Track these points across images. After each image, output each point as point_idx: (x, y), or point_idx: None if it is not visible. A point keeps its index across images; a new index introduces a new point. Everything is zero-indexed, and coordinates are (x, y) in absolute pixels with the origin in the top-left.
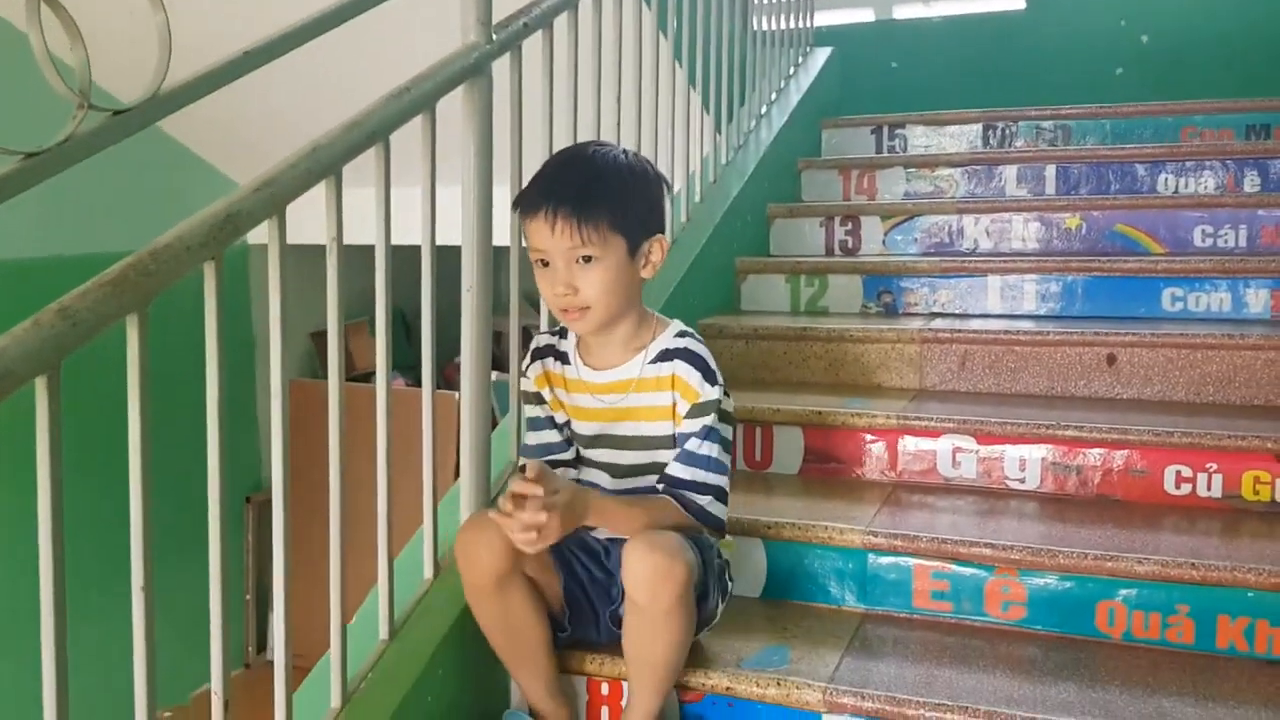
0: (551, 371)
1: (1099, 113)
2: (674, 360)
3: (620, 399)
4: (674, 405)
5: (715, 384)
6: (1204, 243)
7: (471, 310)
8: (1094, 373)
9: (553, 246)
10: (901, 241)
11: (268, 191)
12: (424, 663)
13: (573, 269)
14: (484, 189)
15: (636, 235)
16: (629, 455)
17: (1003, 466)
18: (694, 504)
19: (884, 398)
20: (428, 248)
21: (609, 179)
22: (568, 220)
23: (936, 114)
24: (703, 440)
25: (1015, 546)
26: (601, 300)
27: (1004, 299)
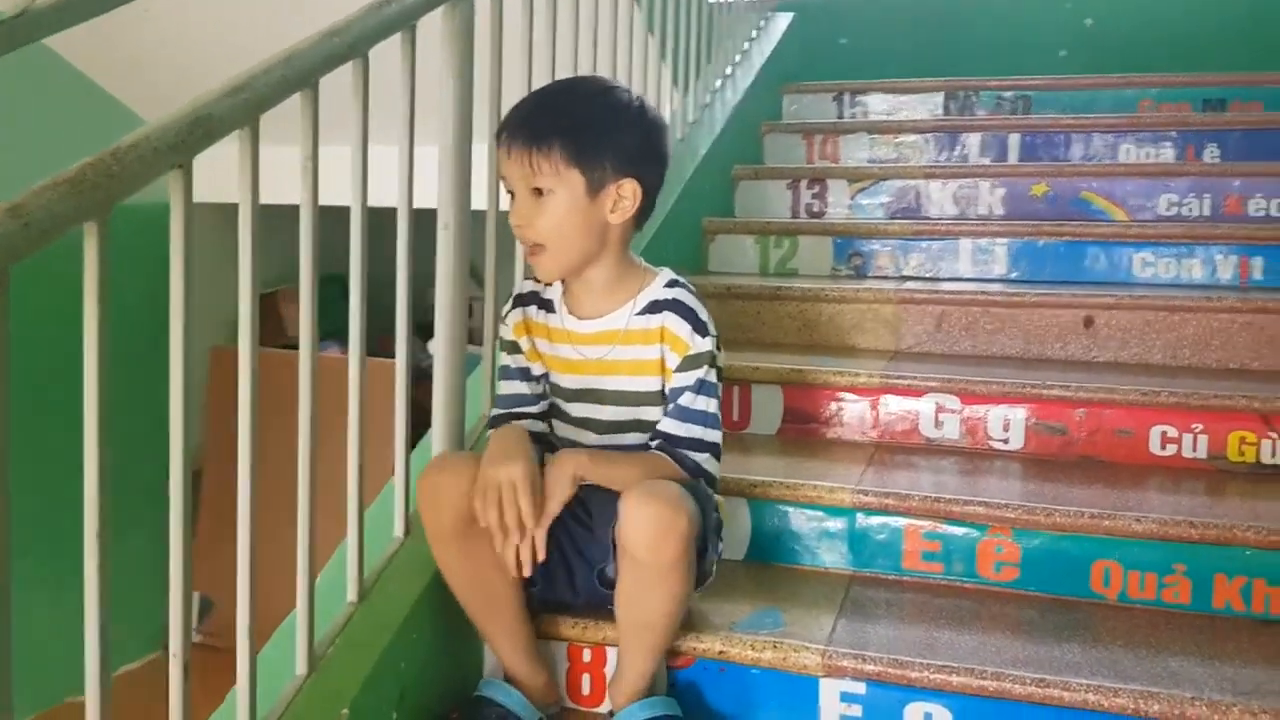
0: (533, 320)
1: (1059, 84)
2: (663, 312)
3: (606, 351)
4: (662, 359)
5: (707, 335)
6: (1168, 211)
7: (450, 249)
8: (1071, 335)
9: (512, 175)
10: (868, 206)
11: (241, 97)
12: (396, 627)
13: (528, 200)
14: (464, 117)
15: (598, 173)
16: (613, 411)
17: (986, 427)
18: (690, 461)
19: (861, 358)
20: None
21: (575, 109)
22: (522, 148)
23: (897, 81)
24: (696, 394)
25: (1009, 505)
26: (552, 237)
27: (975, 263)
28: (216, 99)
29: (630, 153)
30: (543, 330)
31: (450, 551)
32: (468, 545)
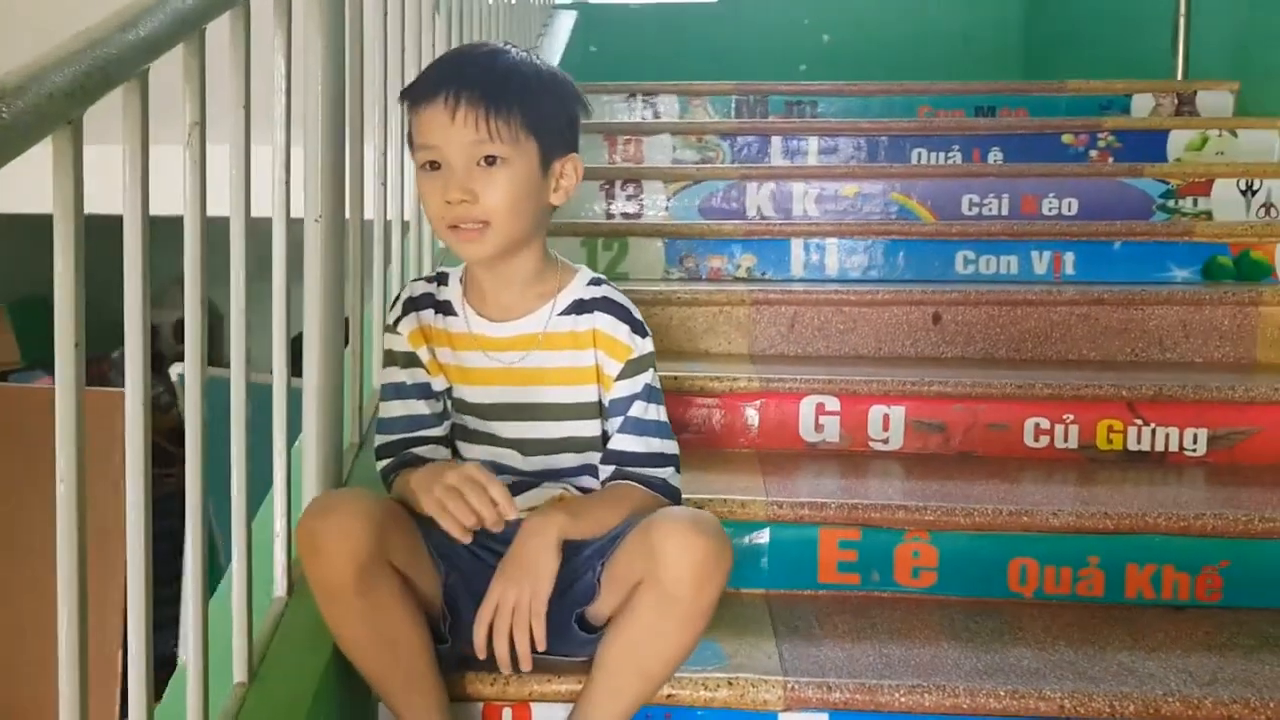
0: (431, 326)
1: (843, 89)
2: (594, 313)
3: (521, 358)
4: (597, 366)
5: (646, 335)
6: (970, 211)
7: (318, 245)
8: (920, 332)
9: (451, 140)
10: (686, 207)
11: (133, 35)
12: (305, 710)
13: (473, 171)
14: (336, 82)
15: (552, 145)
16: (542, 428)
17: (866, 427)
18: (656, 480)
19: (724, 364)
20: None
21: (526, 72)
22: (474, 107)
23: (690, 84)
24: (648, 403)
25: (928, 507)
26: (505, 215)
27: (807, 264)
28: (111, 34)
29: (575, 128)
30: (443, 337)
31: (347, 609)
32: (369, 599)
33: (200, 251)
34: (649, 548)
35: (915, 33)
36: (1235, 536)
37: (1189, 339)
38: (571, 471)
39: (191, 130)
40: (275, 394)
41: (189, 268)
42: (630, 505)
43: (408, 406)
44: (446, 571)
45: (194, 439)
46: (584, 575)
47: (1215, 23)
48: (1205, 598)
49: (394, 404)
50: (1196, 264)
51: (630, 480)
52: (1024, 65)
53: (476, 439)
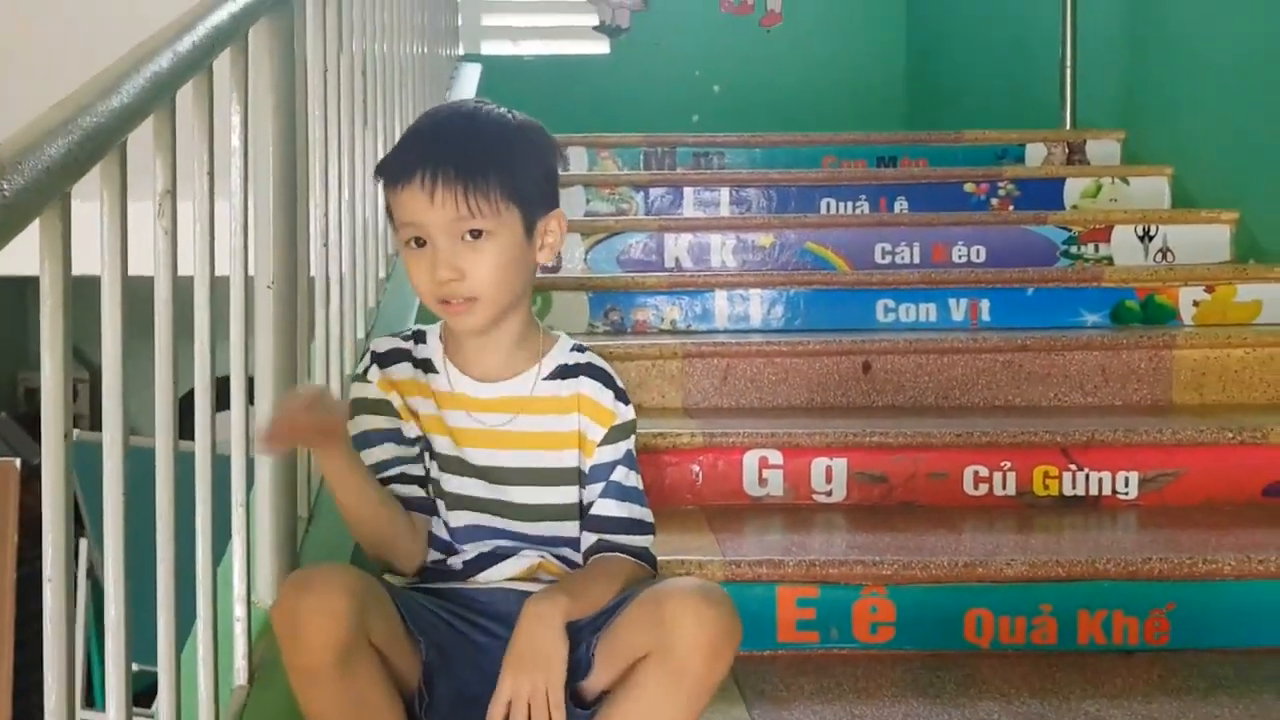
0: (403, 379)
1: (749, 141)
2: (579, 378)
3: (507, 420)
4: (580, 432)
5: (629, 402)
6: (883, 260)
7: (270, 311)
8: (851, 382)
9: (432, 220)
10: (604, 259)
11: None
12: None
13: (457, 247)
14: (287, 154)
15: (533, 207)
16: (523, 493)
17: (810, 480)
18: (637, 548)
19: (661, 418)
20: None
21: (498, 137)
22: (451, 186)
23: (599, 136)
24: (629, 469)
25: (885, 561)
26: (493, 287)
27: (731, 315)
28: (94, 101)
29: (553, 183)
30: (423, 390)
31: (324, 691)
32: (349, 681)
33: (168, 313)
34: (658, 620)
35: (805, 83)
36: (1180, 579)
37: (1108, 383)
38: (548, 539)
39: (163, 199)
40: (234, 468)
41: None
42: (622, 579)
43: (384, 451)
44: (426, 649)
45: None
46: (576, 649)
47: (1100, 73)
48: (1154, 640)
49: (367, 452)
50: (1106, 309)
51: (614, 551)
52: (913, 115)
53: (455, 502)
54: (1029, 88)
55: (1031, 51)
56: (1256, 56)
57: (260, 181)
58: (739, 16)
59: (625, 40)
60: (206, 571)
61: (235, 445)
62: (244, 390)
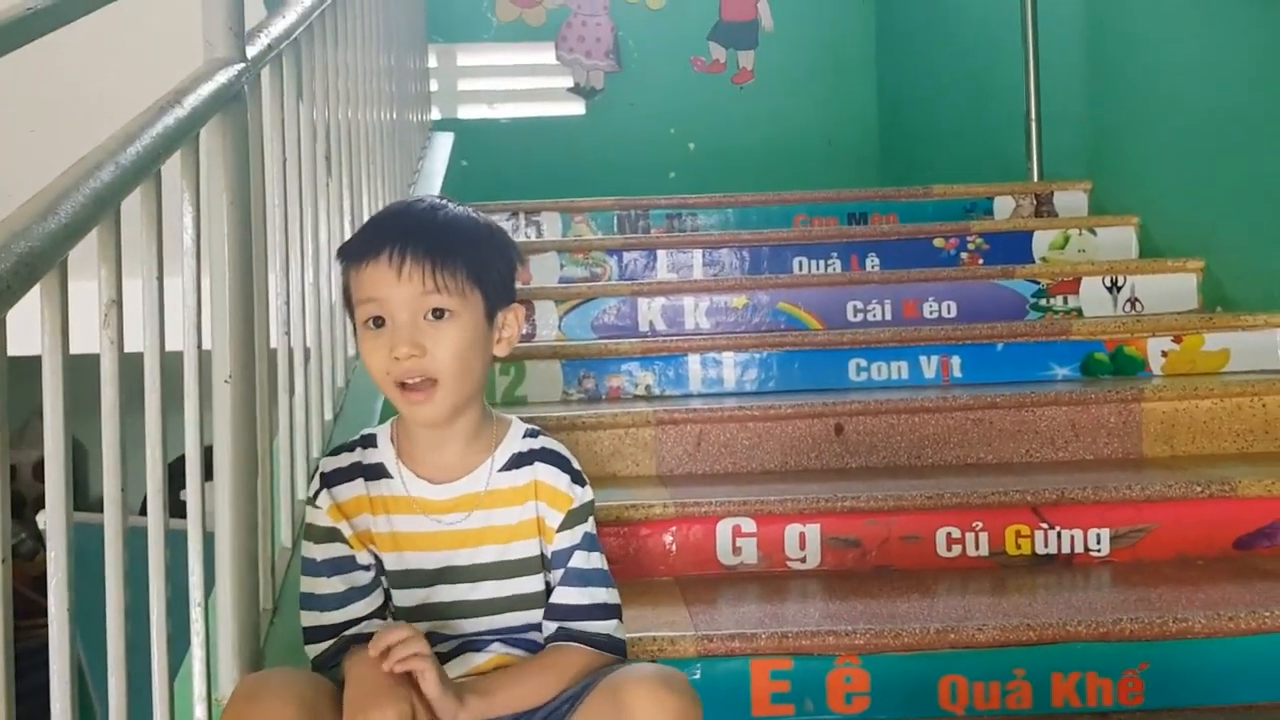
0: (359, 498)
1: (721, 202)
2: (534, 464)
3: (463, 518)
4: (539, 520)
5: (585, 484)
6: (855, 317)
7: (230, 405)
8: (824, 444)
9: (397, 296)
10: (578, 325)
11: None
12: None
13: (420, 325)
14: (243, 245)
15: (496, 296)
16: (486, 588)
17: (784, 547)
18: (600, 635)
19: (632, 486)
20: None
21: (464, 226)
22: (420, 262)
23: (572, 201)
24: (590, 551)
25: (857, 630)
26: (453, 369)
27: (705, 378)
28: (30, 225)
29: (511, 279)
30: (377, 505)
31: None
32: None
33: (115, 421)
34: (616, 708)
35: (779, 137)
36: (1152, 639)
37: (1079, 438)
38: (518, 630)
39: (108, 309)
40: (190, 555)
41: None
42: (572, 672)
43: (331, 584)
44: None
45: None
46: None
47: (1066, 125)
48: (1128, 702)
49: (319, 580)
50: (1075, 361)
51: (574, 639)
52: (886, 170)
53: (413, 615)
54: (997, 141)
55: (998, 105)
56: (1219, 106)
57: (216, 278)
58: (711, 75)
59: (600, 100)
60: (162, 673)
61: (192, 544)
62: (199, 493)
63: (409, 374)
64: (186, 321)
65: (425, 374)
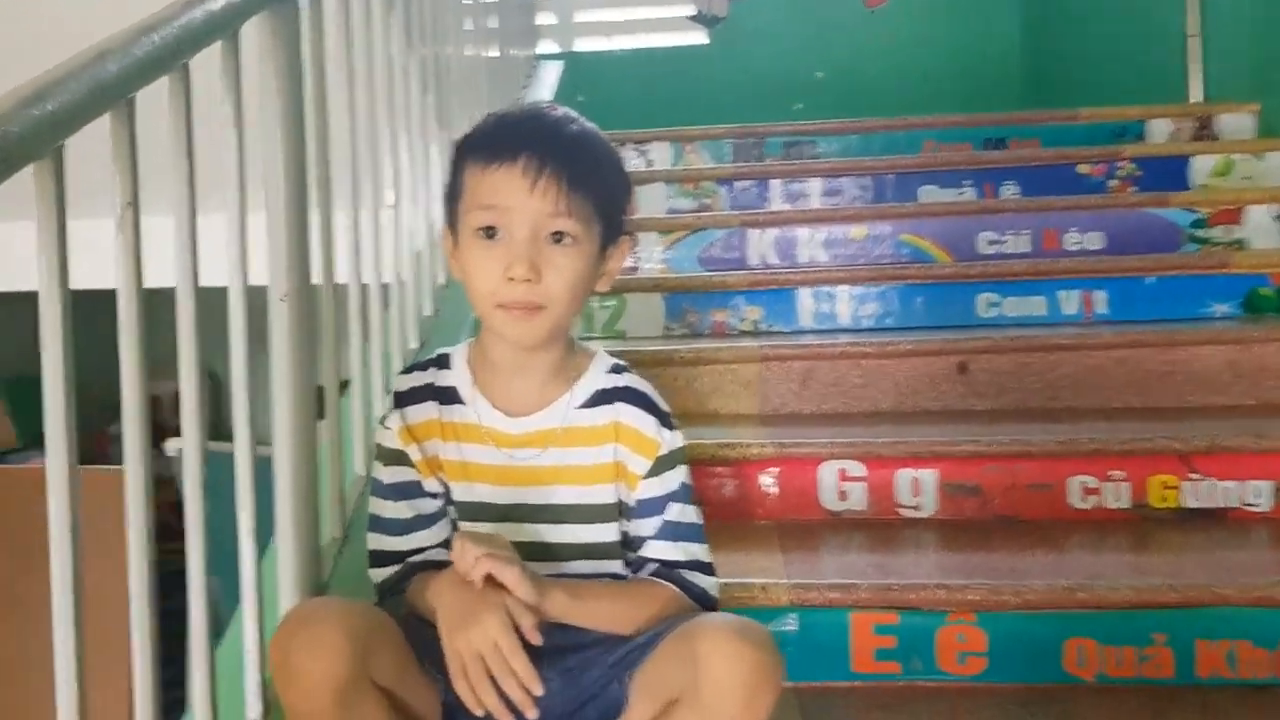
0: (429, 421)
1: (842, 128)
2: (615, 404)
3: (537, 455)
4: (617, 464)
5: (674, 426)
6: (989, 250)
7: (286, 325)
8: (945, 384)
9: (524, 208)
10: (684, 259)
11: (42, 109)
12: None
13: (539, 245)
14: (296, 150)
15: (612, 228)
16: (556, 531)
17: (895, 493)
18: (696, 589)
19: (734, 426)
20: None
21: (598, 147)
22: (555, 177)
23: (683, 130)
24: (685, 504)
25: (971, 585)
26: (564, 299)
27: (817, 313)
28: (12, 111)
29: (626, 210)
30: (448, 431)
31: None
32: None
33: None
34: (690, 657)
35: (913, 65)
36: None
37: (1239, 380)
38: (591, 578)
39: (125, 211)
40: (240, 491)
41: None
42: (661, 607)
43: (398, 509)
44: (444, 688)
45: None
46: (609, 686)
47: (1231, 43)
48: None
49: (385, 504)
50: (1237, 297)
51: (663, 579)
52: (1027, 93)
53: None
54: (1152, 60)
55: (1154, 21)
56: None
57: (271, 193)
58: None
59: (723, 29)
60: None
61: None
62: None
63: (518, 299)
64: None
65: (534, 302)
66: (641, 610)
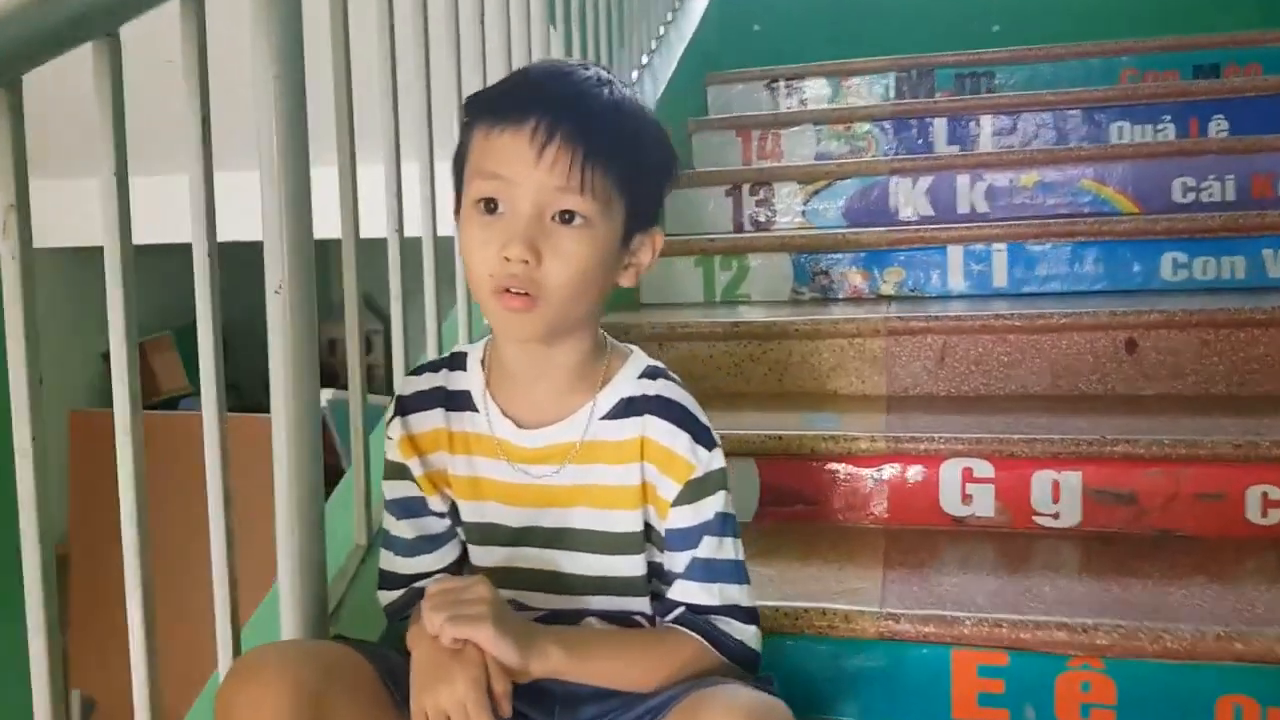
0: (428, 433)
1: (1026, 55)
2: (644, 416)
3: (553, 472)
4: (644, 486)
5: (714, 445)
6: (1185, 198)
7: (287, 321)
8: (1109, 364)
9: (528, 181)
10: (826, 211)
11: None
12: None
13: (543, 224)
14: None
15: (640, 213)
16: (572, 560)
17: (1030, 498)
18: (730, 641)
19: (851, 411)
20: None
21: (631, 115)
22: (569, 146)
23: (839, 63)
24: (720, 537)
25: (1100, 626)
26: (565, 289)
27: (969, 275)
28: None
29: (663, 195)
30: (457, 442)
31: None
32: None
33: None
34: None
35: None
36: None
37: None
38: (613, 614)
39: None
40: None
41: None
42: (682, 665)
43: (401, 528)
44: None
45: None
46: None
47: None
48: None
49: (391, 520)
50: None
51: (700, 633)
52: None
53: (494, 579)
54: None
55: None
56: None
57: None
58: None
59: None
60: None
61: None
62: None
63: (514, 281)
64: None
65: (528, 288)
66: (654, 670)
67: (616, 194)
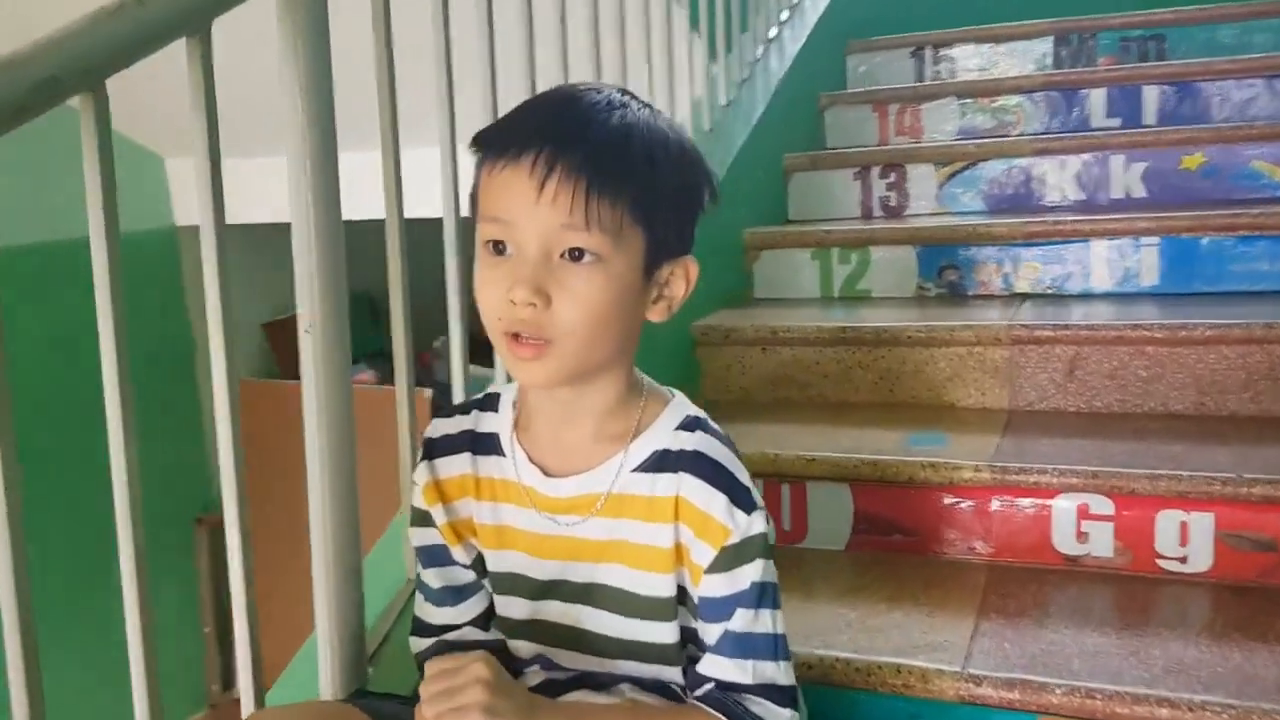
0: (455, 479)
1: (1203, 15)
2: (679, 473)
3: (579, 522)
4: (678, 549)
5: (754, 508)
6: None
7: (314, 357)
8: (1263, 381)
9: (531, 222)
10: (963, 196)
11: None
12: None
13: (551, 265)
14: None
15: (663, 242)
16: (598, 620)
17: (1153, 539)
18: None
19: (963, 429)
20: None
21: (644, 138)
22: (570, 179)
23: (991, 28)
24: (757, 609)
25: (1209, 705)
26: (579, 333)
27: (1115, 273)
28: None
29: (694, 220)
30: (484, 488)
31: None
32: None
33: None
34: None
35: None
36: None
37: None
38: (646, 682)
39: None
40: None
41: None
42: None
43: (428, 576)
44: None
45: None
46: None
47: None
48: None
49: (422, 569)
50: None
51: (728, 714)
52: None
53: (519, 632)
54: None
55: None
56: None
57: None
58: None
59: None
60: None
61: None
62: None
63: (523, 327)
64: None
65: (541, 333)
66: None
67: (631, 225)
